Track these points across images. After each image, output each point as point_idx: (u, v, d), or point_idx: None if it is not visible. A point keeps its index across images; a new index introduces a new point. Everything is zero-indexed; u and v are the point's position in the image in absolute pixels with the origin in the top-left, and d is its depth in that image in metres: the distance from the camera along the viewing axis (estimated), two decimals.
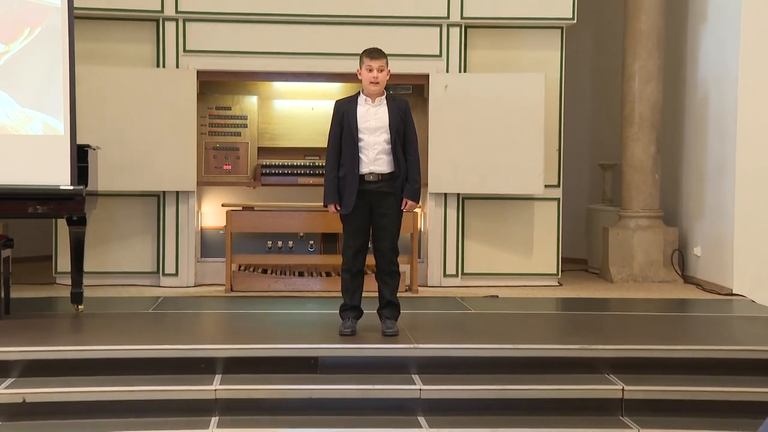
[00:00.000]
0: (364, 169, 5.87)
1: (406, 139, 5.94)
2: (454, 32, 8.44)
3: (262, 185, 8.52)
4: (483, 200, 8.56)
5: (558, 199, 8.67)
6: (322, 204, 6.07)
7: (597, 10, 10.20)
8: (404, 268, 7.46)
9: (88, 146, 6.77)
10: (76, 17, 6.75)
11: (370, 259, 6.10)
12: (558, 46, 8.58)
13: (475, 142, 8.32)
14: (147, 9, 8.17)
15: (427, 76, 8.39)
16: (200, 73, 8.26)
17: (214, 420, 5.15)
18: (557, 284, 8.68)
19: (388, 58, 5.98)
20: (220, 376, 5.45)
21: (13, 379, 5.37)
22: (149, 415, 5.16)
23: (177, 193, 8.25)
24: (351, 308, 6.04)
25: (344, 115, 5.91)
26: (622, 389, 5.39)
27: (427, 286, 8.44)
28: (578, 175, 10.30)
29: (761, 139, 8.10)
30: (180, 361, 5.52)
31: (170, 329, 6.35)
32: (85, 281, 6.86)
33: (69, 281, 6.84)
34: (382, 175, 5.88)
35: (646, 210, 9.09)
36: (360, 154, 5.87)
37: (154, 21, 8.24)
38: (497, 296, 7.97)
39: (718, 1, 8.60)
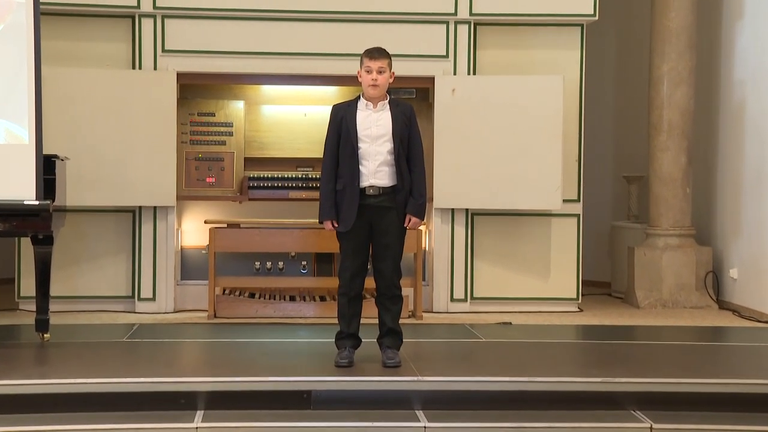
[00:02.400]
0: (364, 181, 5.87)
1: (410, 149, 5.94)
2: (463, 30, 8.46)
3: (250, 200, 8.52)
4: (494, 216, 8.56)
5: (578, 216, 8.67)
6: (317, 220, 6.07)
7: (621, 6, 10.23)
8: (407, 291, 7.45)
9: (55, 156, 6.76)
10: (42, 13, 6.76)
11: (370, 282, 6.10)
12: (578, 45, 8.61)
13: (486, 151, 8.33)
14: (121, 5, 8.19)
15: (433, 78, 8.41)
16: (180, 76, 8.28)
17: None
18: (577, 310, 8.67)
19: (391, 59, 5.98)
20: (202, 412, 5.43)
21: None
22: None
23: (154, 208, 8.25)
24: (348, 336, 6.03)
25: (342, 121, 5.92)
26: (650, 428, 5.37)
27: (433, 312, 8.43)
28: (600, 188, 10.30)
29: None
30: (157, 396, 5.50)
31: (146, 360, 6.34)
32: (52, 307, 6.83)
33: (33, 307, 6.81)
34: (383, 188, 5.88)
35: (677, 227, 9.08)
36: (360, 166, 5.87)
37: (130, 17, 8.27)
38: (510, 323, 7.96)
39: None
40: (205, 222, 8.34)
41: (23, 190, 6.47)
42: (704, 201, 9.40)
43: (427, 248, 8.58)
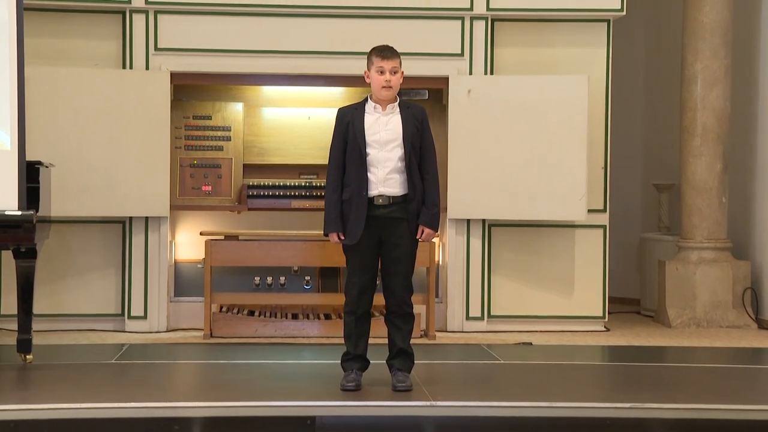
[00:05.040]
0: (373, 190, 5.88)
1: (423, 155, 5.95)
2: (479, 26, 8.47)
3: (249, 210, 8.53)
4: (514, 228, 8.56)
5: (604, 227, 8.66)
6: (322, 232, 6.08)
7: (650, 0, 10.23)
8: (419, 309, 7.44)
9: (39, 163, 6.78)
10: (26, 9, 6.78)
11: (379, 299, 6.10)
12: (604, 42, 8.61)
13: (504, 157, 8.33)
14: None
15: (447, 78, 8.42)
16: (174, 76, 8.30)
17: None
18: (603, 329, 8.66)
19: (402, 58, 5.99)
20: None
21: None
22: None
23: (146, 219, 8.27)
24: (355, 358, 6.02)
25: (349, 126, 5.93)
26: None
27: (447, 332, 8.43)
28: (628, 197, 10.30)
29: None
30: (149, 422, 5.49)
31: (137, 383, 6.34)
32: (35, 326, 6.84)
33: (15, 326, 6.81)
34: (393, 197, 5.89)
35: (711, 240, 9.07)
36: (368, 173, 5.88)
37: (120, 13, 8.29)
38: (531, 343, 7.95)
39: None
40: (201, 234, 8.35)
41: (4, 199, 6.47)
42: (741, 211, 9.38)
43: (440, 262, 8.57)
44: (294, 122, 8.72)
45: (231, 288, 8.38)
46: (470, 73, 8.46)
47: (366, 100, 6.02)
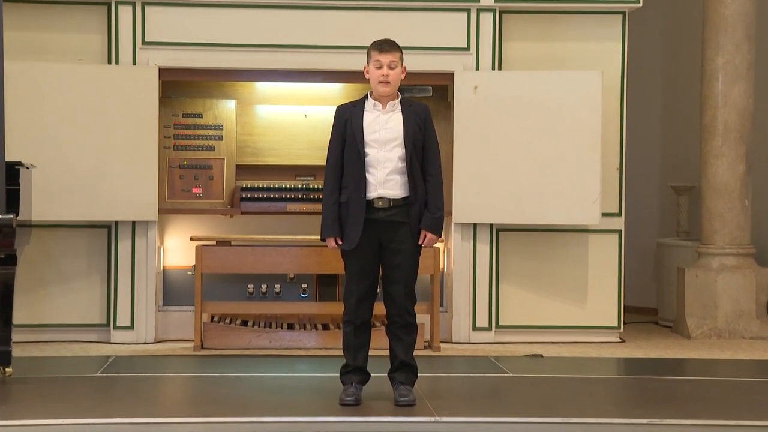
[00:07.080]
0: (372, 192, 5.88)
1: (425, 156, 5.96)
2: (486, 19, 8.47)
3: (242, 213, 8.53)
4: (523, 232, 8.56)
5: (619, 232, 8.66)
6: (319, 237, 6.08)
7: None
8: (423, 319, 7.44)
9: (19, 164, 6.78)
10: (5, 0, 6.78)
11: (380, 308, 6.10)
12: (619, 36, 8.61)
13: (513, 158, 8.33)
14: None
15: (452, 74, 8.42)
16: (163, 71, 8.30)
17: None
18: (619, 340, 8.66)
19: (404, 52, 5.99)
20: None
21: None
22: None
23: (133, 223, 8.27)
24: (354, 370, 6.02)
25: (347, 124, 5.93)
26: None
27: (452, 343, 8.43)
28: (645, 200, 10.30)
29: None
30: None
31: (123, 398, 6.34)
32: (15, 337, 6.84)
33: None
34: (393, 200, 5.89)
35: (734, 245, 9.06)
36: (366, 174, 5.89)
37: (105, 5, 8.30)
38: (542, 355, 7.95)
39: None
40: (191, 239, 8.34)
41: None
42: (765, 215, 9.38)
43: (445, 269, 8.57)
44: (290, 121, 8.72)
45: (223, 296, 8.38)
46: (477, 69, 8.46)
47: (366, 97, 6.02)
